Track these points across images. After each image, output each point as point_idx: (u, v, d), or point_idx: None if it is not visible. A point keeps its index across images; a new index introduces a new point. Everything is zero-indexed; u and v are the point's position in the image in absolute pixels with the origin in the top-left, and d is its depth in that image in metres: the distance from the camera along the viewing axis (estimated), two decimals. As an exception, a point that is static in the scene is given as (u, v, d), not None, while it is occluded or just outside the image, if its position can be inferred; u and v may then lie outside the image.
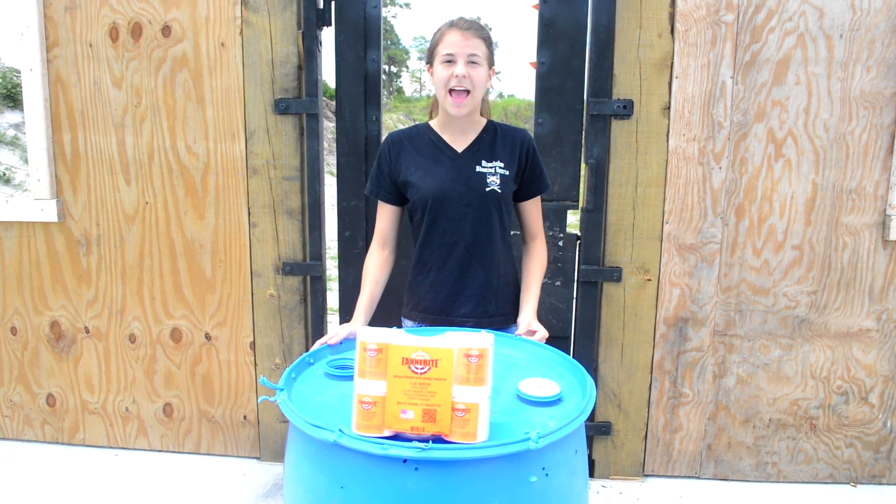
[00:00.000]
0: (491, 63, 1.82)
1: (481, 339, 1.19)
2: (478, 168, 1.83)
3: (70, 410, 2.78)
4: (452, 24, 1.78)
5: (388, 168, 1.88)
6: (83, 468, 2.65)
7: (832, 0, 2.27)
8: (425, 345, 1.16)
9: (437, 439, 1.16)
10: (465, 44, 1.73)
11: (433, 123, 1.92)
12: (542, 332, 1.72)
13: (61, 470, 2.63)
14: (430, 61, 1.83)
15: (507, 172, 1.84)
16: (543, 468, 1.23)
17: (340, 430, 1.12)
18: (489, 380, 1.19)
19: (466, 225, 1.82)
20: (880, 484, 2.55)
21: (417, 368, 1.15)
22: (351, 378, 1.44)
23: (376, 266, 1.88)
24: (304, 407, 1.28)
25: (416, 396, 1.15)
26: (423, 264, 1.89)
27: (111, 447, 2.79)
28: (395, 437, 1.16)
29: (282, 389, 1.28)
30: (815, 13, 2.28)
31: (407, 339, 1.17)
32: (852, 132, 2.34)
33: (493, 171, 1.83)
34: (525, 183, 1.89)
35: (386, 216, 1.91)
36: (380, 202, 1.91)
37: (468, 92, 1.75)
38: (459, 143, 1.86)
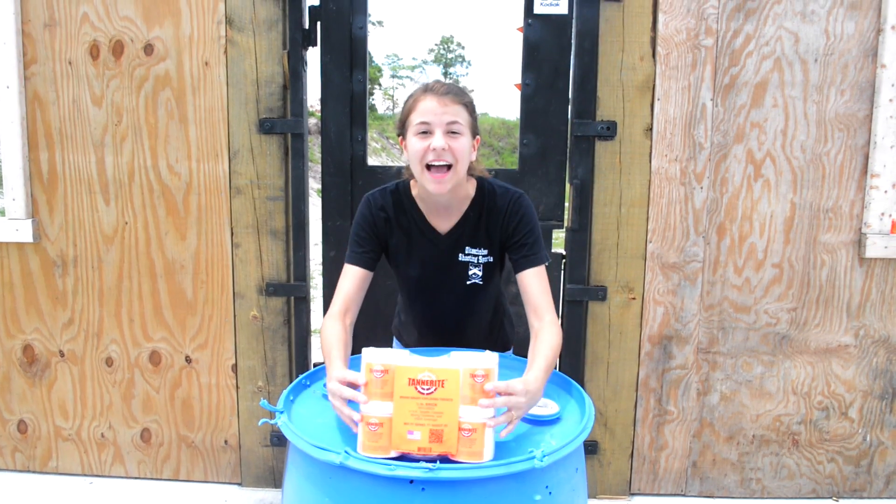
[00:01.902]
0: (475, 132, 1.61)
1: (486, 360, 1.19)
2: (460, 256, 1.67)
3: (42, 437, 2.68)
4: (427, 89, 1.56)
5: (372, 231, 1.67)
6: (55, 497, 2.55)
7: (807, 26, 2.35)
8: (431, 366, 1.16)
9: (444, 459, 1.15)
10: (443, 111, 1.51)
11: (414, 191, 1.70)
12: (516, 399, 1.23)
13: (32, 500, 2.53)
14: (401, 132, 1.61)
15: (491, 259, 1.69)
16: (547, 486, 1.23)
17: (347, 452, 1.10)
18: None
19: (448, 307, 1.76)
20: (861, 498, 2.59)
21: (424, 389, 1.14)
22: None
23: (339, 333, 1.53)
24: (306, 429, 1.26)
25: (423, 417, 1.14)
26: (408, 317, 1.87)
27: (85, 475, 2.70)
28: (401, 457, 1.15)
29: (282, 412, 1.26)
30: (791, 38, 2.36)
31: (413, 360, 1.17)
32: (828, 153, 2.41)
33: (475, 261, 1.67)
34: (513, 253, 1.65)
35: (355, 281, 1.64)
36: (349, 266, 1.66)
37: (450, 166, 1.53)
38: (443, 223, 1.68)
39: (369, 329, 2.54)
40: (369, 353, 1.19)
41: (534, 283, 1.58)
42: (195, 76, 2.45)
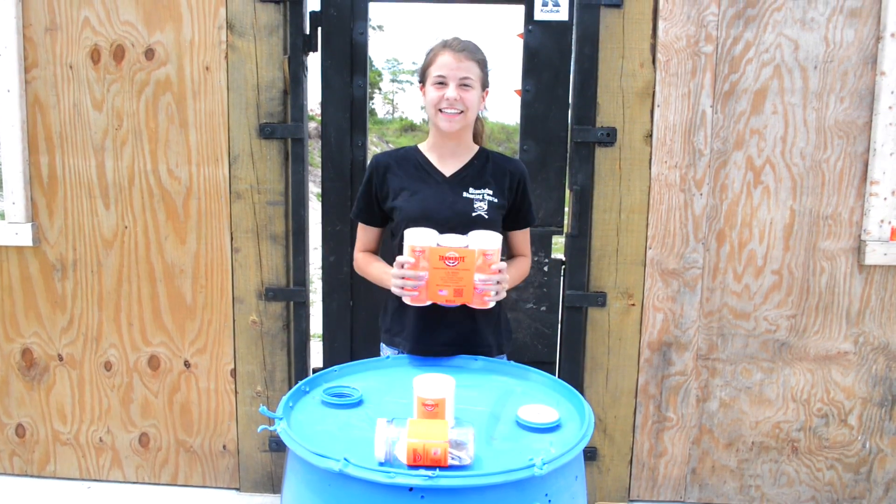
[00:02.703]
0: (485, 85, 1.82)
1: (494, 241, 1.66)
2: (465, 194, 1.80)
3: (41, 441, 2.68)
4: (446, 45, 1.77)
5: (374, 191, 1.86)
6: (53, 502, 2.55)
7: (806, 33, 2.35)
8: (455, 245, 1.63)
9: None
10: (458, 66, 1.72)
11: (422, 146, 1.90)
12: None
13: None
14: (422, 80, 1.83)
15: (496, 200, 1.82)
16: (546, 495, 1.23)
17: (346, 460, 1.10)
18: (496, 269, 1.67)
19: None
20: (860, 506, 2.59)
21: (450, 263, 1.61)
22: (347, 406, 1.43)
23: (372, 258, 1.92)
24: (305, 436, 1.25)
25: (450, 280, 1.62)
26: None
27: (83, 479, 2.69)
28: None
29: (281, 418, 1.26)
30: (791, 45, 2.36)
31: (443, 240, 1.64)
32: (828, 160, 2.41)
33: (480, 197, 1.80)
34: (512, 215, 1.87)
35: (370, 234, 1.93)
36: (360, 224, 1.93)
37: (461, 112, 1.75)
38: (448, 167, 1.84)
39: (369, 332, 2.54)
40: (411, 235, 1.65)
41: (521, 238, 1.95)
42: (196, 81, 2.45)
